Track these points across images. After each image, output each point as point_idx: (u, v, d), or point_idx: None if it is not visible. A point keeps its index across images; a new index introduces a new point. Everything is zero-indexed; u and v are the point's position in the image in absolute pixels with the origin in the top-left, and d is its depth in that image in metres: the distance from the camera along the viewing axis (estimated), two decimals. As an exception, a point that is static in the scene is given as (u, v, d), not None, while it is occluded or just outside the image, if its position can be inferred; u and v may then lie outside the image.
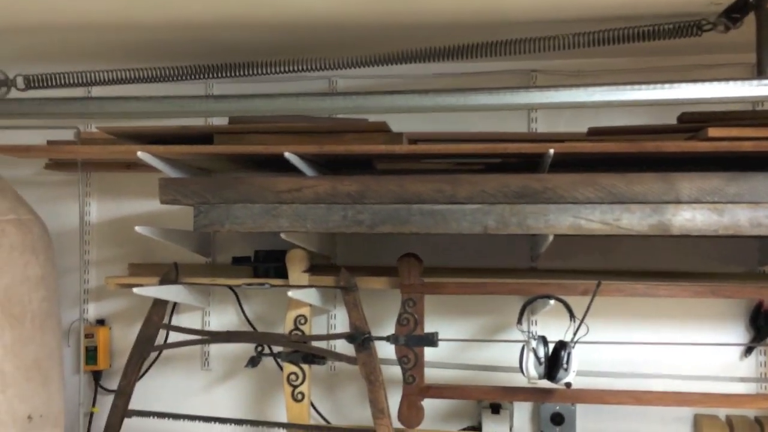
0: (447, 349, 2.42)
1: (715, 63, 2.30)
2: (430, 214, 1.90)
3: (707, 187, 1.80)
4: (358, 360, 2.18)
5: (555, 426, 2.33)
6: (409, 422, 2.13)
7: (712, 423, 2.25)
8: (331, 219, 1.94)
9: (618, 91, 1.87)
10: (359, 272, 2.32)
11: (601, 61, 2.40)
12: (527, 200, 1.87)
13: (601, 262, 2.41)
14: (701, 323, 2.32)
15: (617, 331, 2.33)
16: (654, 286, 2.06)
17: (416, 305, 2.16)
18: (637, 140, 1.95)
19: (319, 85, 2.59)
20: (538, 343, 1.98)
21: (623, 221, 1.82)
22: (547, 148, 1.91)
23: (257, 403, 2.58)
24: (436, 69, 2.49)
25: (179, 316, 2.61)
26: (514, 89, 1.89)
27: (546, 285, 2.09)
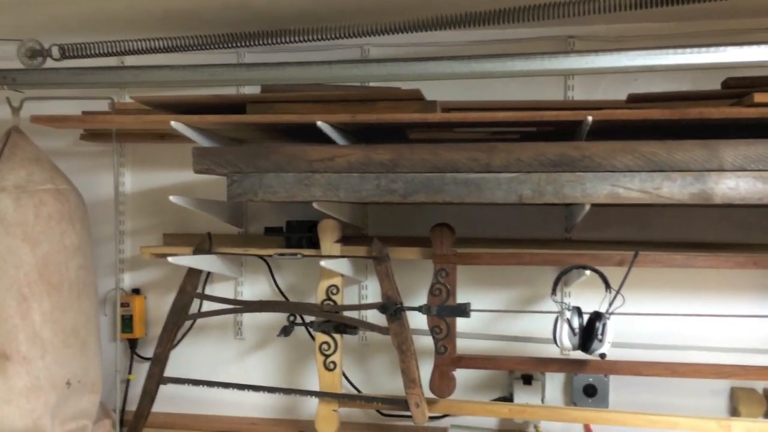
0: (479, 320, 2.41)
1: (760, 27, 2.21)
2: (464, 183, 1.88)
3: (752, 154, 1.74)
4: (390, 330, 2.18)
5: (587, 397, 2.31)
6: (440, 392, 2.13)
7: (749, 396, 2.22)
8: (364, 188, 1.93)
9: (661, 55, 1.82)
10: (391, 243, 2.31)
11: (641, 26, 2.33)
12: (564, 169, 1.84)
13: (637, 233, 2.36)
14: (740, 295, 2.27)
15: (653, 302, 2.29)
16: (693, 256, 2.01)
17: (449, 276, 2.14)
18: (679, 107, 1.89)
19: (351, 54, 2.56)
20: (573, 314, 1.96)
21: (663, 190, 1.77)
22: (584, 115, 1.86)
23: (289, 373, 2.60)
24: (470, 36, 2.45)
25: (212, 286, 2.64)
26: (551, 54, 1.85)
27: (581, 255, 2.06)
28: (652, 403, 2.32)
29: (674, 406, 2.30)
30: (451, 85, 2.33)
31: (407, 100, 2.05)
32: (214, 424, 2.53)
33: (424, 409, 2.15)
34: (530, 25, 2.34)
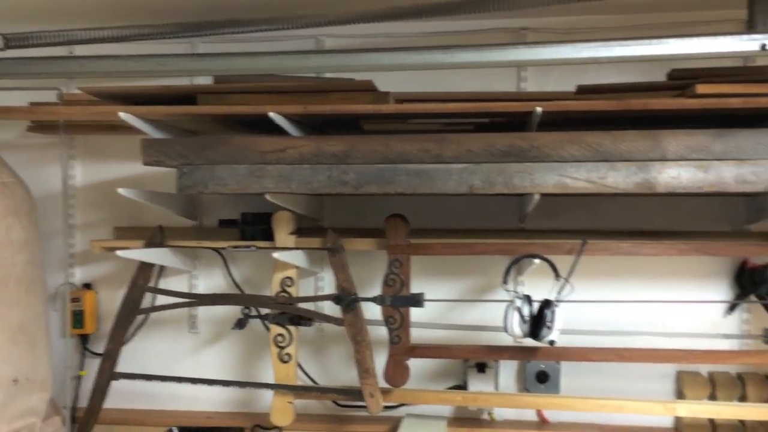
0: (434, 310, 2.43)
1: (706, 19, 2.26)
2: (415, 174, 1.89)
3: (693, 144, 1.79)
4: (345, 321, 2.19)
5: (540, 384, 2.36)
6: (394, 381, 2.15)
7: (694, 379, 2.29)
8: (316, 179, 1.92)
9: (607, 47, 1.85)
10: (346, 234, 2.31)
11: (593, 18, 2.37)
12: (513, 159, 1.86)
13: (589, 221, 2.40)
14: (686, 281, 2.34)
15: (603, 289, 2.34)
16: (639, 244, 2.07)
17: (402, 266, 2.16)
18: (626, 98, 1.93)
19: (307, 45, 2.54)
20: (523, 302, 1.99)
21: (608, 179, 1.81)
22: (533, 106, 1.89)
23: (245, 365, 2.59)
24: (425, 28, 2.46)
25: (166, 280, 2.60)
26: (500, 46, 1.87)
27: (531, 245, 2.09)
28: (603, 388, 2.37)
29: (624, 390, 2.34)
30: (406, 77, 2.33)
31: (360, 91, 2.05)
32: (169, 419, 2.50)
33: (378, 399, 2.16)
34: (484, 16, 2.37)
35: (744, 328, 2.32)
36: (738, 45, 1.76)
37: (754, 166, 1.75)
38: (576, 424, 2.37)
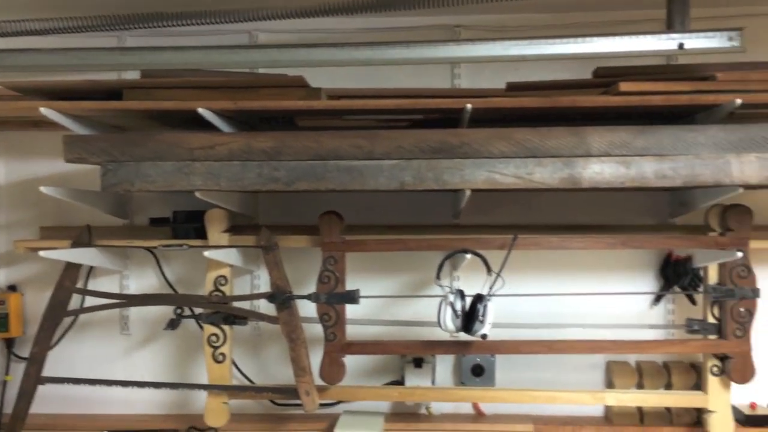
0: (370, 306, 2.44)
1: (634, 19, 2.32)
2: (347, 171, 1.88)
3: (616, 140, 1.84)
4: (280, 319, 2.17)
5: (475, 377, 2.38)
6: (330, 379, 2.14)
7: (622, 369, 2.36)
8: (246, 177, 1.90)
9: (533, 45, 1.89)
10: (282, 231, 2.29)
11: (525, 16, 2.41)
12: (444, 155, 1.88)
13: (523, 216, 2.45)
14: (615, 274, 2.40)
15: (536, 283, 2.39)
16: (568, 238, 2.11)
17: (337, 263, 2.15)
18: (554, 95, 1.97)
19: (240, 40, 2.50)
20: (456, 297, 2.01)
21: (536, 175, 1.84)
22: (464, 103, 1.90)
23: (180, 366, 2.54)
24: (360, 24, 2.46)
25: (96, 280, 2.52)
26: (430, 43, 1.88)
27: (464, 240, 2.11)
28: (538, 379, 2.41)
29: (557, 381, 2.40)
30: (344, 73, 2.33)
31: (291, 87, 2.03)
32: (100, 423, 2.43)
33: (314, 397, 2.15)
34: (418, 13, 2.38)
35: (669, 319, 2.40)
36: (657, 44, 1.82)
37: (673, 161, 1.80)
38: (511, 416, 2.41)
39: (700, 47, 1.81)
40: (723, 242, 2.05)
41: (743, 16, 2.26)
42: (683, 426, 2.28)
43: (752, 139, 1.79)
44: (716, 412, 2.13)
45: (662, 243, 2.15)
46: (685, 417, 2.29)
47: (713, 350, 2.10)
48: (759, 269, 2.13)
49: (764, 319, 2.30)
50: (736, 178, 1.78)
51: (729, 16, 2.28)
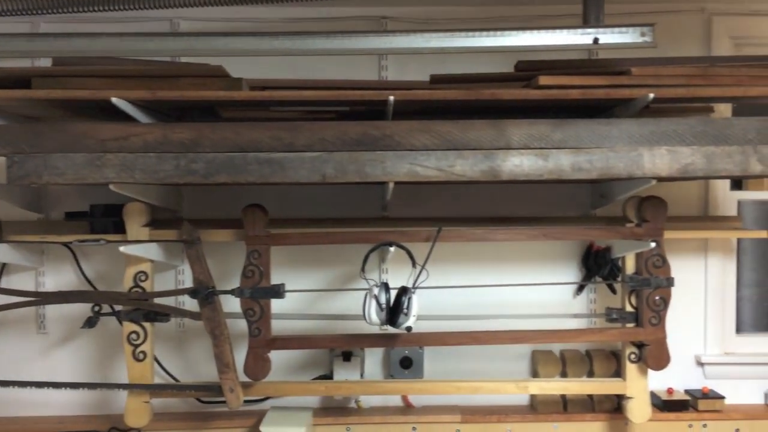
0: (299, 300, 2.41)
1: (559, 13, 2.35)
2: (267, 163, 1.85)
3: (535, 133, 1.86)
4: (202, 315, 2.12)
5: (404, 369, 2.39)
6: (254, 375, 2.11)
7: (546, 358, 2.40)
8: (162, 169, 1.84)
9: (456, 38, 1.89)
10: (206, 225, 2.23)
11: (452, 9, 2.41)
12: (366, 148, 1.86)
13: (451, 209, 2.46)
14: (539, 265, 2.44)
15: (464, 275, 2.41)
16: (492, 230, 2.13)
17: (261, 257, 2.11)
18: (477, 88, 1.97)
19: (161, 27, 2.43)
20: (380, 290, 2.00)
21: (457, 167, 1.85)
22: (386, 95, 1.89)
23: (100, 366, 2.45)
24: (286, 13, 2.43)
25: (10, 278, 2.41)
26: (349, 33, 1.86)
27: (390, 233, 2.11)
28: (467, 370, 2.44)
29: (485, 371, 2.44)
30: (273, 64, 2.29)
31: (212, 77, 1.97)
32: (15, 425, 2.33)
33: (238, 394, 2.11)
34: (346, 3, 2.36)
35: (591, 308, 2.46)
36: (573, 38, 1.85)
37: (589, 154, 1.84)
38: (439, 407, 2.43)
39: (614, 42, 1.84)
40: (639, 233, 2.11)
41: (658, 13, 2.34)
42: (604, 412, 2.35)
43: (663, 132, 1.84)
44: (634, 398, 2.19)
45: (581, 234, 2.19)
46: (606, 404, 2.36)
47: (630, 338, 2.16)
48: (674, 259, 2.20)
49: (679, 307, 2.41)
50: (648, 171, 1.82)
51: (648, 12, 2.36)
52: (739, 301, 2.52)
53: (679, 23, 2.40)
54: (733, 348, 2.49)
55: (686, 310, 2.44)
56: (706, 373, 2.47)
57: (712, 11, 2.40)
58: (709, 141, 1.84)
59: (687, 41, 2.40)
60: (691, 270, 2.44)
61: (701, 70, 1.93)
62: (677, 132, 1.85)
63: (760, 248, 2.55)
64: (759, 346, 2.50)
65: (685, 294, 2.41)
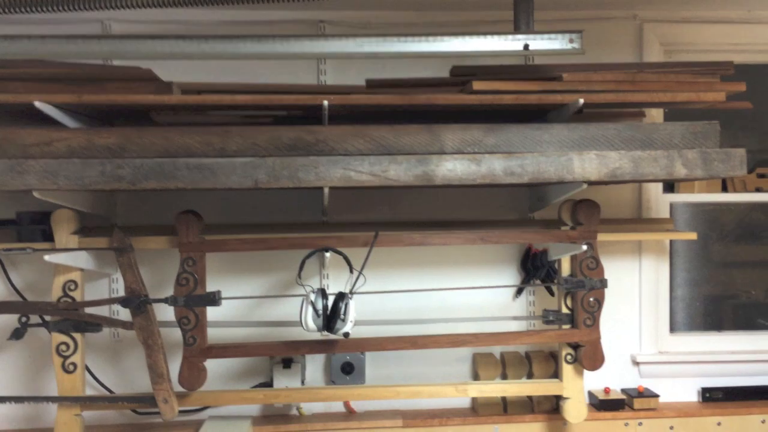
0: (240, 308, 2.38)
1: (495, 18, 2.36)
2: (197, 169, 1.81)
3: (468, 138, 1.87)
4: (135, 324, 2.06)
5: (345, 375, 2.37)
6: (189, 385, 2.06)
7: (486, 360, 2.42)
8: (87, 175, 1.78)
9: (386, 42, 1.89)
10: (140, 232, 2.18)
11: (389, 13, 2.41)
12: (299, 153, 1.84)
13: (393, 214, 2.46)
14: (480, 268, 2.46)
15: (405, 279, 2.41)
16: (429, 235, 2.13)
17: (196, 264, 2.07)
18: (413, 93, 1.97)
19: (92, 29, 2.36)
20: (317, 296, 1.98)
21: (390, 172, 1.84)
22: (321, 100, 1.88)
23: (30, 378, 2.37)
24: (222, 16, 2.39)
25: (-68, 288, 2.32)
26: (281, 37, 1.84)
27: (327, 238, 2.09)
28: (409, 375, 2.45)
29: (428, 375, 2.44)
30: (212, 68, 2.26)
31: (141, 81, 1.93)
32: (-62, 444, 2.24)
33: (173, 405, 2.07)
34: (282, 7, 2.33)
35: (531, 310, 2.49)
36: (504, 44, 1.87)
37: (521, 158, 1.85)
38: (381, 412, 2.42)
39: (544, 48, 1.87)
40: (573, 236, 2.14)
41: (592, 20, 2.39)
42: (543, 413, 2.37)
43: (592, 137, 1.87)
44: (571, 399, 2.22)
45: (517, 237, 2.22)
46: (545, 404, 2.38)
47: (566, 339, 2.19)
48: (609, 261, 2.24)
49: (615, 307, 2.46)
50: (578, 175, 1.85)
51: (583, 19, 2.40)
52: (672, 301, 2.59)
53: (613, 30, 2.45)
54: (667, 347, 2.55)
55: (622, 310, 2.49)
56: (641, 372, 2.53)
57: (644, 18, 2.46)
58: (636, 145, 1.88)
59: (620, 48, 2.45)
60: (626, 271, 2.49)
61: (630, 75, 1.97)
62: (606, 137, 1.88)
63: (692, 249, 2.62)
64: (692, 344, 2.56)
65: (620, 295, 2.47)
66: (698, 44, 2.48)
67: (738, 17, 2.49)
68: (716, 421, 2.43)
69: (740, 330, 2.64)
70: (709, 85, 1.97)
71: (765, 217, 2.68)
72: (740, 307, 2.69)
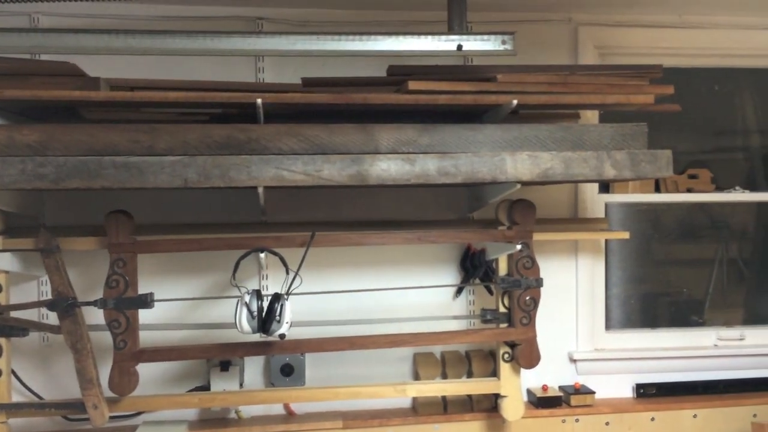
0: (176, 310, 2.33)
1: (435, 19, 2.36)
2: (124, 167, 1.76)
3: (403, 138, 1.87)
4: (63, 328, 1.99)
5: (285, 377, 2.35)
6: (120, 390, 2.00)
7: (427, 360, 2.42)
8: (7, 173, 1.72)
9: (321, 41, 1.88)
10: (70, 232, 2.11)
11: (328, 12, 2.40)
12: (231, 151, 1.81)
13: (332, 213, 2.44)
14: (420, 267, 2.46)
15: (345, 279, 2.40)
16: (366, 234, 2.13)
17: (127, 265, 2.01)
18: (349, 92, 1.96)
19: (20, 22, 2.28)
20: (252, 298, 1.95)
21: (324, 172, 1.83)
22: (255, 98, 1.85)
23: (-48, 385, 2.27)
24: (157, 11, 2.34)
25: None
26: (212, 34, 1.80)
27: (264, 238, 2.06)
28: (349, 375, 2.43)
29: (368, 375, 2.43)
30: (148, 64, 2.20)
31: (66, 76, 1.87)
32: None
33: (102, 410, 2.00)
34: (221, 2, 2.29)
35: (470, 309, 2.50)
36: (438, 44, 1.87)
37: (455, 159, 1.86)
38: (322, 414, 2.40)
39: (477, 49, 1.89)
40: (510, 235, 2.16)
41: (528, 21, 2.42)
42: (483, 411, 2.39)
43: (525, 137, 1.89)
44: (508, 397, 2.24)
45: (455, 237, 2.22)
46: (485, 403, 2.40)
47: (503, 338, 2.21)
48: (546, 260, 2.27)
49: (553, 306, 2.49)
50: (511, 175, 1.87)
51: (519, 21, 2.43)
52: (608, 300, 2.64)
53: (549, 32, 2.49)
54: (603, 344, 2.60)
55: (559, 309, 2.53)
56: (578, 369, 2.57)
57: (579, 21, 2.50)
58: (568, 146, 1.90)
59: (556, 50, 2.49)
60: (562, 270, 2.53)
61: (562, 78, 2.00)
62: (538, 138, 1.90)
63: (627, 248, 2.68)
64: (627, 341, 2.62)
65: (557, 293, 2.51)
66: (631, 47, 2.54)
67: (669, 22, 2.56)
68: (650, 416, 2.50)
69: (674, 327, 2.71)
70: (639, 87, 2.02)
71: (700, 217, 2.77)
72: (674, 304, 2.77)
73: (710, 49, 2.62)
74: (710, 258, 2.78)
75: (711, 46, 2.62)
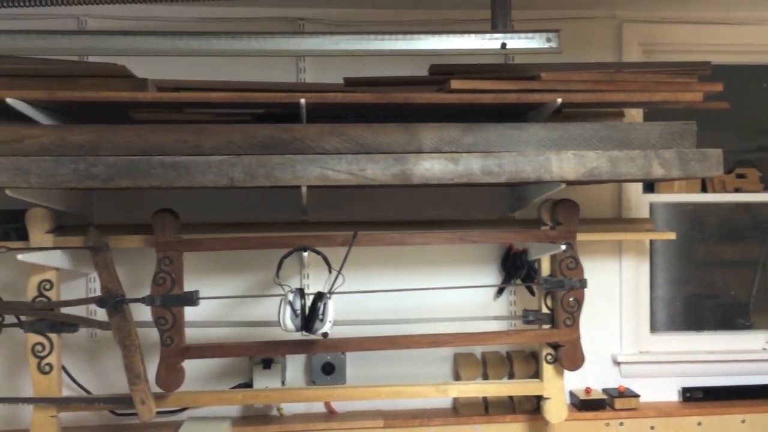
0: (219, 307, 2.36)
1: (476, 17, 2.35)
2: (172, 167, 1.79)
3: (446, 137, 1.86)
4: (111, 324, 2.04)
5: (326, 375, 2.36)
6: (167, 386, 2.04)
7: (467, 360, 2.41)
8: (60, 173, 1.76)
9: (363, 40, 1.88)
10: (117, 231, 2.16)
11: (368, 11, 2.40)
12: (275, 151, 1.83)
13: (372, 213, 2.44)
14: (460, 267, 2.45)
15: (385, 279, 2.40)
16: (409, 234, 2.12)
17: (173, 263, 2.05)
18: (391, 91, 1.96)
19: (68, 24, 2.34)
20: (295, 296, 1.97)
21: (368, 171, 1.83)
22: (298, 98, 1.86)
23: (7, 379, 2.34)
24: (199, 13, 2.38)
25: None
26: (256, 34, 1.82)
27: (305, 237, 2.08)
28: (391, 375, 2.43)
29: (410, 375, 2.43)
30: (193, 65, 2.23)
31: (115, 77, 1.91)
32: None
33: (150, 406, 2.04)
34: (261, 3, 2.32)
35: (511, 310, 2.48)
36: (482, 43, 1.86)
37: (499, 158, 1.85)
38: (363, 413, 2.41)
39: (522, 47, 1.87)
40: (553, 235, 2.13)
41: (572, 19, 2.38)
42: (524, 413, 2.37)
43: (570, 136, 1.87)
44: (551, 399, 2.22)
45: (497, 237, 2.21)
46: (526, 404, 2.38)
47: (546, 339, 2.19)
48: (590, 261, 2.23)
49: (596, 307, 2.45)
50: (556, 174, 1.85)
51: (562, 19, 2.40)
52: (652, 301, 2.59)
53: (592, 30, 2.46)
54: (648, 347, 2.55)
55: (603, 310, 2.50)
56: (622, 372, 2.53)
57: (623, 18, 2.46)
58: (614, 145, 1.87)
59: (599, 47, 2.46)
60: (606, 271, 2.49)
61: (608, 75, 1.97)
62: (583, 136, 1.88)
63: (673, 249, 2.63)
64: (672, 344, 2.57)
65: (601, 295, 2.47)
66: (676, 44, 2.49)
67: (716, 18, 2.50)
68: (696, 421, 2.44)
69: (720, 330, 2.65)
70: (687, 85, 1.98)
71: (745, 217, 2.70)
72: (720, 306, 2.70)
73: (758, 45, 2.56)
74: (755, 259, 2.71)
75: (759, 42, 2.55)
